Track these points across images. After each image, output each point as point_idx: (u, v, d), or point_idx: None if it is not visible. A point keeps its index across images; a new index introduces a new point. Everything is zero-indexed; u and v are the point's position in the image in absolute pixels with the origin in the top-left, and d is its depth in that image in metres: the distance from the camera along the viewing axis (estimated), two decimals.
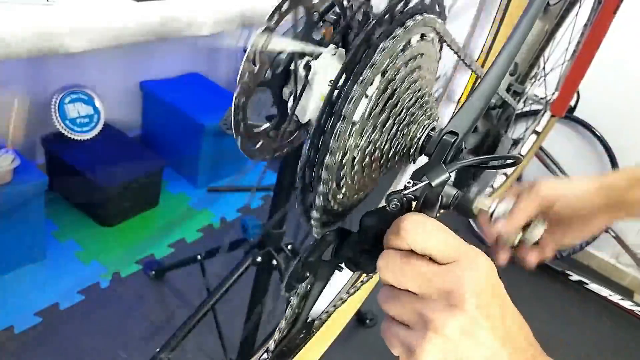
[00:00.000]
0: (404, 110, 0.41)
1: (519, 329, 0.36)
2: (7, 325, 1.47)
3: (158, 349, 1.25)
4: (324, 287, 0.47)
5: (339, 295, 0.59)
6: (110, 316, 1.60)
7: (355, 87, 0.37)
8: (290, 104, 0.44)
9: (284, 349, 0.49)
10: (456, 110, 0.41)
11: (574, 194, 0.64)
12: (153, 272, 1.74)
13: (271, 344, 0.49)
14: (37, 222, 1.63)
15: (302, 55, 0.43)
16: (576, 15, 0.98)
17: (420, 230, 0.35)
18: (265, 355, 0.52)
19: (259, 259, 1.35)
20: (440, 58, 0.49)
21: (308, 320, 0.49)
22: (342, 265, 0.43)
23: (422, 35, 0.43)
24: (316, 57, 0.43)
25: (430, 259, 0.35)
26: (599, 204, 0.64)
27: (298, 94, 0.43)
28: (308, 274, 0.43)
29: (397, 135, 0.42)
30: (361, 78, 0.37)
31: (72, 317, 1.56)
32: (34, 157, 1.91)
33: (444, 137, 0.39)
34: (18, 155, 1.50)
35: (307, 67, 0.43)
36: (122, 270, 1.75)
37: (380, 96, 0.39)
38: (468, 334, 0.33)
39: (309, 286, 0.46)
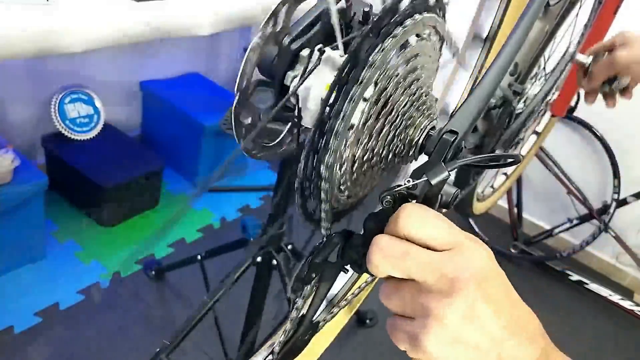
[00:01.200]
0: (399, 117, 0.41)
1: (529, 320, 0.35)
2: (7, 325, 1.47)
3: (158, 349, 1.25)
4: (330, 288, 0.47)
5: (343, 296, 0.58)
6: (110, 316, 1.60)
7: (345, 105, 0.37)
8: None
9: (289, 349, 0.48)
10: (456, 110, 0.40)
11: None
12: (153, 272, 1.74)
13: (276, 346, 0.48)
14: (37, 222, 1.63)
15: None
16: (576, 15, 0.98)
17: (417, 218, 0.35)
18: (270, 357, 0.52)
19: (259, 259, 1.35)
20: (441, 46, 0.49)
21: (314, 321, 0.49)
22: (348, 267, 0.43)
23: (418, 35, 0.42)
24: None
25: (428, 248, 0.34)
26: None
27: (297, 106, 0.43)
28: (314, 275, 0.43)
29: (394, 141, 0.41)
30: (351, 95, 0.37)
31: (72, 317, 1.56)
32: (34, 157, 1.91)
33: (444, 136, 0.39)
34: (18, 155, 1.50)
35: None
36: (122, 270, 1.75)
37: (373, 107, 0.39)
38: (469, 319, 0.32)
39: (315, 288, 0.45)
